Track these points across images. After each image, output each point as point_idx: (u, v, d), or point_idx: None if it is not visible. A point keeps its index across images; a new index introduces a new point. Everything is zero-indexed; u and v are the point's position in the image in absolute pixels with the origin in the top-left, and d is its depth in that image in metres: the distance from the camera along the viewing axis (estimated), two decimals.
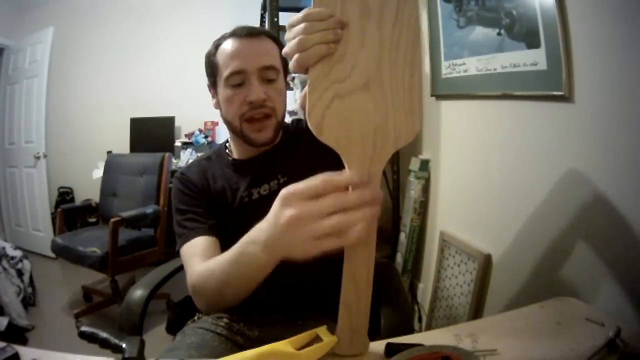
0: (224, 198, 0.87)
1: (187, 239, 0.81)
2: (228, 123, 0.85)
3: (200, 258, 0.76)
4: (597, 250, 0.92)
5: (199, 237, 0.80)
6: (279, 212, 0.49)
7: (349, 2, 0.50)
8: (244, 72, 0.79)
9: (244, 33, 0.81)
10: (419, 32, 0.54)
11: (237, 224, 0.86)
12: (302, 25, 0.49)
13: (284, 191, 0.49)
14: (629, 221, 0.83)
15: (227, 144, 0.95)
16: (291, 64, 0.51)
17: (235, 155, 0.91)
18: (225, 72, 0.80)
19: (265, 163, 0.88)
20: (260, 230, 0.55)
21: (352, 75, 0.51)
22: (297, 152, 0.90)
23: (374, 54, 0.51)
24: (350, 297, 0.56)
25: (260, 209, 0.85)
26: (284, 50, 0.52)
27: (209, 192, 0.88)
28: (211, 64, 0.84)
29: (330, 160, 0.84)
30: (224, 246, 0.85)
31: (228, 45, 0.81)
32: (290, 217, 0.47)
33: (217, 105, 0.87)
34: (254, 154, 0.89)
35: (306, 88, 0.52)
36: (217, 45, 0.83)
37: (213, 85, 0.86)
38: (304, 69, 0.51)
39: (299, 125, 0.96)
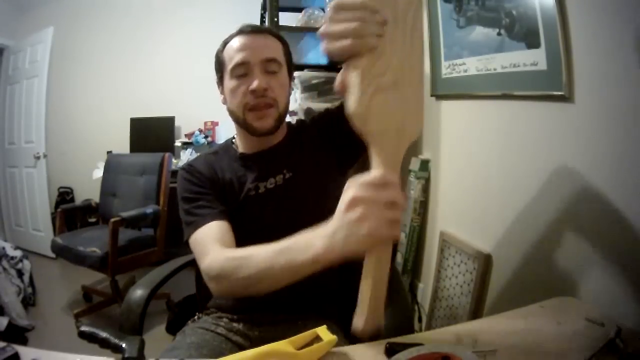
0: (232, 189, 0.89)
1: (200, 224, 0.80)
2: (232, 114, 0.89)
3: (220, 242, 0.76)
4: (598, 250, 0.92)
5: (214, 222, 0.79)
6: (348, 208, 0.52)
7: (386, 3, 0.52)
8: (247, 64, 0.83)
9: (248, 30, 0.87)
10: (423, 39, 0.58)
11: (244, 216, 0.87)
12: (360, 12, 0.50)
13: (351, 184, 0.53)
14: (630, 221, 0.83)
15: (233, 139, 0.97)
16: (336, 46, 0.51)
17: (241, 150, 0.94)
18: (230, 64, 0.85)
19: (271, 158, 0.91)
20: (326, 225, 0.57)
21: (387, 72, 0.54)
22: (302, 149, 0.92)
23: (400, 56, 0.54)
24: (377, 275, 0.56)
25: (267, 201, 0.89)
26: (324, 30, 0.52)
27: (217, 182, 0.89)
28: (219, 60, 0.89)
29: (332, 159, 0.88)
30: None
31: (235, 41, 0.86)
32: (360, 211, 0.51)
33: (224, 100, 0.91)
34: (260, 148, 0.91)
35: (342, 74, 0.54)
36: (225, 43, 0.89)
37: (220, 80, 0.91)
38: (348, 55, 0.52)
39: (303, 125, 1.00)
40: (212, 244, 0.76)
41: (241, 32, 0.87)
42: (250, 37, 0.86)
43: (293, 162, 0.89)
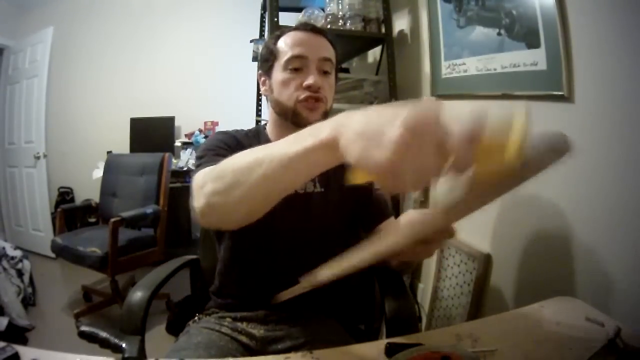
0: None
1: (206, 164, 0.67)
2: (279, 105, 0.87)
3: None
4: (597, 250, 0.92)
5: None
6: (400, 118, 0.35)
7: None
8: (305, 58, 0.84)
9: (308, 28, 0.88)
10: None
11: None
12: None
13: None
14: (629, 220, 0.83)
15: (265, 127, 0.96)
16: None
17: (273, 139, 0.92)
18: (286, 56, 0.85)
19: None
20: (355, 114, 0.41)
21: None
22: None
23: None
24: None
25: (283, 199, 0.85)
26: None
27: None
28: (270, 51, 0.89)
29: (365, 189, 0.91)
30: (236, 232, 0.84)
31: (292, 35, 0.87)
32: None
33: (268, 91, 0.91)
34: None
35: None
36: (278, 36, 0.89)
37: (267, 71, 0.90)
38: None
39: None
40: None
41: (299, 28, 0.88)
42: (309, 34, 0.87)
43: (322, 174, 0.88)
